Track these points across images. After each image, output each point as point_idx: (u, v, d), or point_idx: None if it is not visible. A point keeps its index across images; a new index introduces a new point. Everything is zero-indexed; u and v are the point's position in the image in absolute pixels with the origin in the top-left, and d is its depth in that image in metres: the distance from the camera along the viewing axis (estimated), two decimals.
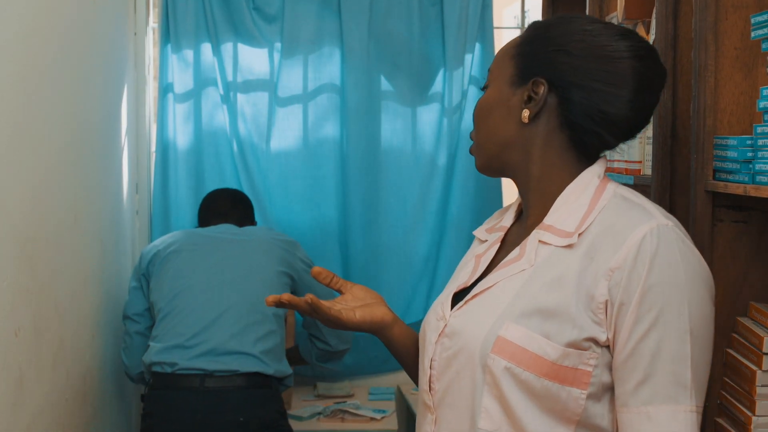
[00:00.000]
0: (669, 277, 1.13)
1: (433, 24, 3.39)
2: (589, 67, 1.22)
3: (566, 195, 1.25)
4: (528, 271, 1.22)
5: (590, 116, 1.23)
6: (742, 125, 1.43)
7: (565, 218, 1.22)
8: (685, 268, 1.14)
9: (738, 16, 1.43)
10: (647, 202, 1.22)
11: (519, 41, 1.29)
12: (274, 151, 3.40)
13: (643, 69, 1.23)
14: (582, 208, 1.22)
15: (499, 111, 1.28)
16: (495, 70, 1.31)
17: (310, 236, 3.42)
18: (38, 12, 1.96)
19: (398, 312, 3.48)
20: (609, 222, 1.19)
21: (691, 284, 1.14)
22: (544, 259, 1.21)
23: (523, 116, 1.25)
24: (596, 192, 1.23)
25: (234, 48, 3.35)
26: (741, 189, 1.32)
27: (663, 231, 1.15)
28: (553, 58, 1.24)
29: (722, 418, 1.45)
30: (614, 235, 1.17)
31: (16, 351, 1.78)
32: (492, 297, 1.23)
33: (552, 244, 1.21)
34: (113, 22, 2.89)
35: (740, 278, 1.45)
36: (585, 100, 1.22)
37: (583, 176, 1.25)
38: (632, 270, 1.14)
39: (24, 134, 1.86)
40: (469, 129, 3.41)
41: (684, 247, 1.16)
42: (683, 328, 1.12)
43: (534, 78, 1.24)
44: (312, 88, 3.40)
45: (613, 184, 1.26)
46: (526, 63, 1.26)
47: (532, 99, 1.25)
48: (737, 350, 1.43)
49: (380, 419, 3.12)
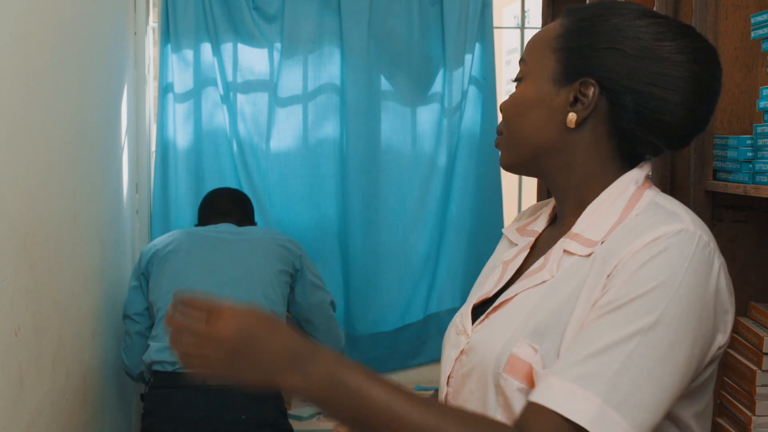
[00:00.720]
0: (663, 276, 0.99)
1: (433, 23, 3.39)
2: (646, 70, 1.10)
3: (599, 202, 1.13)
4: (548, 282, 1.11)
5: (644, 123, 1.11)
6: (742, 125, 1.44)
7: (595, 227, 1.11)
8: (687, 279, 1.00)
9: (738, 16, 1.43)
10: (684, 211, 1.08)
11: (561, 32, 1.15)
12: (273, 150, 3.40)
13: (704, 73, 1.11)
14: (614, 216, 1.11)
15: (539, 110, 1.15)
16: (532, 61, 1.17)
17: (309, 236, 3.42)
18: (38, 11, 1.96)
19: (398, 312, 3.48)
20: (633, 224, 1.07)
21: (683, 299, 0.99)
22: (566, 270, 1.10)
23: (568, 120, 1.13)
24: (631, 199, 1.12)
25: (234, 48, 3.35)
26: (741, 189, 1.32)
27: (686, 235, 1.02)
28: (605, 58, 1.11)
29: (722, 418, 1.45)
30: (631, 234, 1.05)
31: (15, 350, 1.78)
32: (510, 311, 1.13)
33: (576, 253, 1.10)
34: (113, 21, 2.89)
35: (740, 278, 1.45)
36: (639, 105, 1.10)
37: (619, 182, 1.14)
38: (632, 258, 1.02)
39: (24, 133, 1.86)
40: (469, 129, 3.45)
41: (702, 259, 1.02)
42: (646, 332, 0.98)
43: (583, 78, 1.12)
44: (312, 87, 3.40)
45: (652, 190, 1.14)
46: (573, 60, 1.13)
47: (578, 101, 1.12)
48: (737, 350, 1.43)
49: None
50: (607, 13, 1.14)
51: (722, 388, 1.46)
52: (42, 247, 1.97)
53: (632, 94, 1.11)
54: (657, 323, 0.98)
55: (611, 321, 0.99)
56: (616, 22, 1.12)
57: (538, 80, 1.16)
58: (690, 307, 1.00)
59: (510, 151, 1.20)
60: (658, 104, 1.10)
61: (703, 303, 1.02)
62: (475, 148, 3.44)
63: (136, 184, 3.27)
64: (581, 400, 0.95)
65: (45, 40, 2.03)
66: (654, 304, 0.98)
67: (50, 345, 2.05)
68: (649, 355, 0.97)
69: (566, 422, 0.96)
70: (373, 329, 3.48)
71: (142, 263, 2.69)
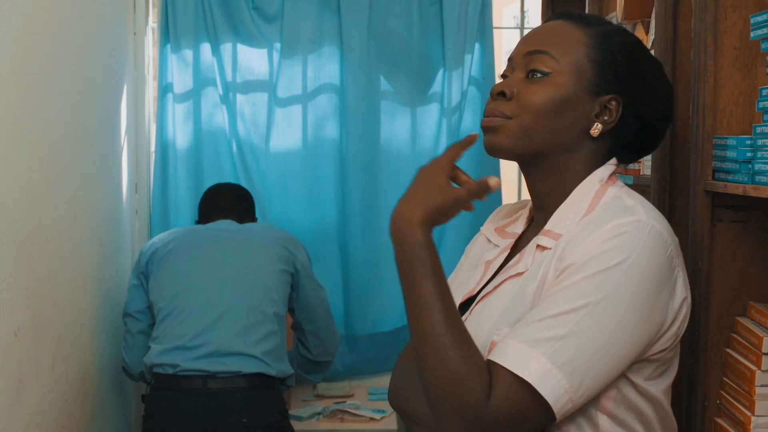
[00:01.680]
0: (615, 259, 1.10)
1: (433, 23, 3.39)
2: (656, 96, 1.27)
3: (570, 200, 1.24)
4: (523, 275, 1.21)
5: (643, 136, 1.28)
6: (741, 125, 1.44)
7: (564, 223, 1.21)
8: (637, 261, 1.10)
9: (737, 16, 1.43)
10: (641, 205, 1.19)
11: (592, 42, 1.24)
12: (273, 151, 3.39)
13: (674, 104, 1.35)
14: (580, 212, 1.21)
15: (571, 113, 1.23)
16: (565, 62, 1.23)
17: (309, 236, 3.42)
18: (37, 11, 1.96)
19: (397, 313, 3.48)
20: (592, 219, 1.18)
21: (632, 280, 1.10)
22: (537, 263, 1.20)
23: (593, 129, 1.24)
24: (596, 196, 1.22)
25: (233, 48, 3.35)
26: (740, 189, 1.32)
27: (639, 224, 1.13)
28: (632, 82, 1.24)
29: (721, 418, 1.45)
30: (588, 228, 1.15)
31: (15, 350, 1.78)
32: (491, 303, 1.24)
33: (547, 247, 1.20)
34: (113, 21, 2.89)
35: (739, 278, 1.45)
36: (645, 123, 1.27)
37: (586, 181, 1.24)
38: (588, 246, 1.12)
39: (23, 134, 1.86)
40: (469, 129, 3.45)
41: (653, 245, 1.12)
42: (595, 305, 1.08)
43: (612, 95, 1.24)
44: (311, 88, 3.40)
45: (615, 187, 1.24)
46: (608, 76, 1.24)
47: (603, 113, 1.24)
48: (736, 350, 1.43)
49: (380, 419, 3.12)
50: (621, 36, 1.27)
51: (721, 388, 1.46)
52: (42, 247, 1.97)
53: (642, 115, 1.26)
54: (605, 299, 1.09)
55: (564, 294, 1.10)
56: (640, 52, 1.28)
57: (574, 84, 1.23)
58: (638, 288, 1.10)
59: (519, 137, 1.24)
60: (658, 125, 1.29)
61: (653, 286, 1.12)
62: (473, 147, 3.39)
63: (136, 184, 3.27)
64: (528, 359, 1.07)
65: (44, 40, 2.03)
66: (604, 283, 1.09)
67: (50, 345, 2.05)
68: (596, 327, 1.08)
69: (517, 379, 1.07)
70: (372, 329, 3.48)
71: (141, 261, 2.68)
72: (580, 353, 1.07)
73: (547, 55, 1.23)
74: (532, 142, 1.24)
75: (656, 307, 1.13)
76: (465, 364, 1.08)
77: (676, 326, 1.18)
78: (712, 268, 1.44)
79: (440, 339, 1.09)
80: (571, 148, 1.24)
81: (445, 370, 1.09)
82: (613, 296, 1.09)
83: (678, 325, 1.18)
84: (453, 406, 1.08)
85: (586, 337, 1.08)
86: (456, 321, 1.12)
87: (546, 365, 1.06)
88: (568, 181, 1.25)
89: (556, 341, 1.07)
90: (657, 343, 1.16)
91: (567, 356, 1.07)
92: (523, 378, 1.07)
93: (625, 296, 1.10)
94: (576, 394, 1.08)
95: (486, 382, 1.08)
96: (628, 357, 1.12)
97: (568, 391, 1.07)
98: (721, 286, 1.44)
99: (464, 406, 1.07)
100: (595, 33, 1.25)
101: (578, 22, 1.26)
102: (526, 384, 1.06)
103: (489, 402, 1.07)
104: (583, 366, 1.08)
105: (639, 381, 1.17)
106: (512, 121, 1.24)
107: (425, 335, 1.11)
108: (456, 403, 1.08)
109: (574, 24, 1.26)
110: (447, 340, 1.09)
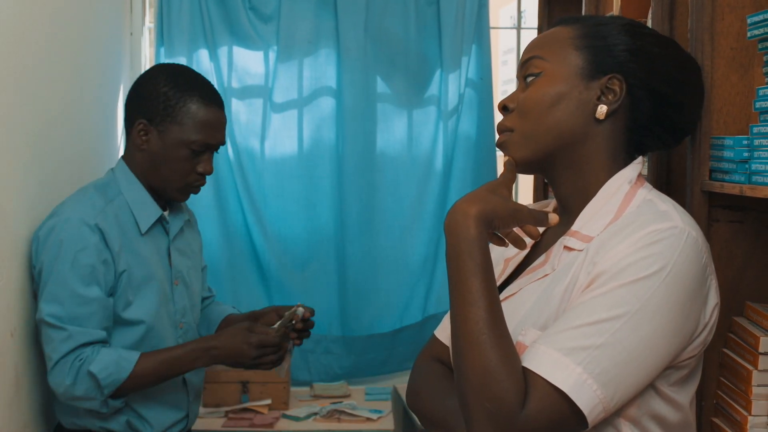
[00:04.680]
0: (653, 267, 1.08)
1: (430, 24, 3.39)
2: (667, 73, 1.23)
3: (596, 200, 1.23)
4: (550, 276, 1.21)
5: (659, 121, 1.24)
6: (738, 125, 1.44)
7: (592, 224, 1.20)
8: (674, 271, 1.09)
9: (734, 16, 1.43)
10: (675, 210, 1.17)
11: (579, 33, 1.25)
12: (269, 153, 3.39)
13: (700, 79, 1.29)
14: (609, 214, 1.20)
15: (567, 102, 1.22)
16: (552, 58, 1.25)
17: (306, 239, 3.41)
18: (32, 10, 1.96)
19: (395, 315, 3.48)
20: (626, 222, 1.16)
21: (669, 289, 1.09)
22: (565, 265, 1.19)
23: (599, 112, 1.22)
24: (626, 197, 1.21)
25: (229, 51, 3.34)
26: (737, 189, 1.32)
27: (676, 231, 1.11)
28: (632, 58, 1.22)
29: (718, 418, 1.45)
30: (623, 232, 1.13)
31: (11, 351, 1.78)
32: (515, 303, 1.23)
33: (575, 249, 1.19)
34: (109, 22, 2.88)
35: (736, 278, 1.45)
36: (657, 104, 1.23)
37: (613, 181, 1.23)
38: (625, 251, 1.10)
39: (19, 134, 1.86)
40: (466, 131, 3.45)
41: (690, 253, 1.11)
42: (632, 315, 1.07)
43: (612, 74, 1.22)
44: (308, 90, 3.39)
45: (645, 189, 1.23)
46: (600, 57, 1.23)
47: (604, 95, 1.22)
48: (733, 350, 1.43)
49: (376, 419, 3.12)
50: (615, 21, 1.26)
51: (718, 387, 1.46)
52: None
53: (653, 93, 1.23)
54: (642, 308, 1.07)
55: (601, 302, 1.08)
56: (638, 30, 1.25)
57: (564, 75, 1.23)
58: (675, 298, 1.09)
59: (528, 144, 1.25)
60: (673, 104, 1.24)
61: (689, 295, 1.11)
62: (471, 149, 3.43)
63: None
64: (563, 368, 1.06)
65: (40, 40, 2.02)
66: (642, 292, 1.08)
67: None
68: (632, 336, 1.07)
69: (553, 388, 1.06)
70: (369, 331, 3.48)
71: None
72: (615, 363, 1.06)
73: (536, 59, 1.26)
74: (537, 145, 1.24)
75: (690, 316, 1.12)
76: (503, 366, 1.07)
77: (706, 333, 1.17)
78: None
79: (481, 337, 1.08)
80: (581, 139, 1.23)
81: (482, 368, 1.07)
82: (650, 306, 1.08)
83: (707, 332, 1.17)
84: (485, 408, 1.06)
85: (622, 347, 1.07)
86: (500, 321, 1.10)
87: (582, 375, 1.05)
88: (590, 174, 1.24)
89: (593, 350, 1.06)
90: (686, 350, 1.15)
91: (603, 366, 1.06)
92: (559, 387, 1.05)
93: (662, 306, 1.08)
94: (610, 404, 1.07)
95: (521, 388, 1.06)
96: (661, 366, 1.11)
97: (602, 401, 1.06)
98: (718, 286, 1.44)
99: (497, 409, 1.06)
100: (584, 25, 1.26)
101: (569, 22, 1.28)
102: (561, 393, 1.05)
103: (523, 410, 1.05)
104: (618, 376, 1.07)
105: (663, 387, 1.16)
106: (514, 132, 1.26)
107: (467, 331, 1.09)
108: (489, 404, 1.06)
109: (565, 25, 1.28)
110: (488, 338, 1.08)
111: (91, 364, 1.80)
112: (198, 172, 1.94)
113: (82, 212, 1.85)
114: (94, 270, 1.83)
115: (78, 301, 1.81)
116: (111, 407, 1.87)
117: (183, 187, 1.95)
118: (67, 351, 1.81)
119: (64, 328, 1.80)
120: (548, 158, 1.25)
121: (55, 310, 1.81)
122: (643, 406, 1.14)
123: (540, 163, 1.26)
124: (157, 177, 1.93)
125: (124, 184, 1.94)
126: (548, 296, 1.18)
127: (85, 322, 1.82)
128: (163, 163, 1.91)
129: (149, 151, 1.92)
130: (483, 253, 1.12)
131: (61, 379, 1.80)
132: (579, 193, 1.25)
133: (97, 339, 1.83)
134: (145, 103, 1.91)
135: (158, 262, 1.97)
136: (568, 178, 1.26)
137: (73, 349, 1.80)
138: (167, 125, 1.89)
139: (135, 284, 1.90)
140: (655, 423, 1.16)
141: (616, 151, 1.25)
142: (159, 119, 1.89)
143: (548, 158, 1.25)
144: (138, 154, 1.94)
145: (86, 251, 1.82)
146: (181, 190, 1.96)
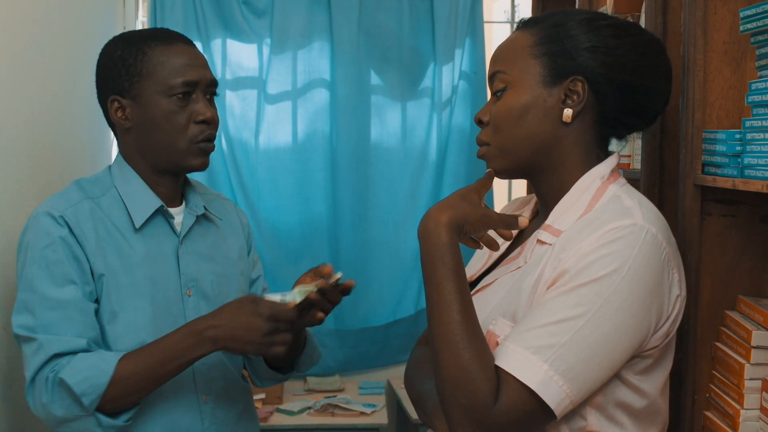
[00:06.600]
0: (613, 265, 1.13)
1: (423, 18, 3.39)
2: (626, 62, 1.25)
3: (569, 195, 1.27)
4: (522, 268, 1.26)
5: (627, 108, 1.27)
6: (730, 119, 1.44)
7: (564, 218, 1.25)
8: (633, 267, 1.14)
9: (727, 10, 1.43)
10: (640, 206, 1.21)
11: (535, 40, 1.28)
12: (263, 146, 3.39)
13: (666, 60, 1.30)
14: (580, 209, 1.24)
15: (534, 112, 1.26)
16: (513, 71, 1.28)
17: (299, 231, 3.41)
18: (25, 5, 1.95)
19: (389, 307, 3.49)
20: (591, 218, 1.20)
21: (629, 286, 1.13)
22: (536, 258, 1.24)
23: (565, 116, 1.25)
24: (596, 193, 1.25)
25: (223, 44, 3.34)
26: (729, 183, 1.33)
27: (635, 229, 1.16)
28: (589, 56, 1.25)
29: (711, 411, 1.46)
30: (587, 228, 1.18)
31: (4, 346, 1.78)
32: (489, 293, 1.30)
33: (546, 242, 1.24)
34: (102, 16, 2.87)
35: (729, 272, 1.45)
36: (623, 94, 1.26)
37: (586, 177, 1.27)
38: (587, 248, 1.15)
39: (11, 132, 1.85)
40: (459, 124, 3.45)
41: (648, 249, 1.15)
42: (594, 312, 1.12)
43: (571, 77, 1.25)
44: (301, 83, 3.39)
45: (616, 185, 1.27)
46: (559, 62, 1.26)
47: (568, 98, 1.25)
48: (725, 344, 1.44)
49: (370, 413, 3.12)
50: (572, 18, 1.28)
51: (711, 381, 1.46)
52: None
53: (616, 85, 1.25)
54: (603, 306, 1.13)
55: (564, 300, 1.14)
56: (591, 25, 1.26)
57: (527, 85, 1.27)
58: (635, 294, 1.14)
59: (505, 156, 1.30)
60: (639, 90, 1.26)
61: (648, 290, 1.16)
62: (465, 142, 3.43)
63: None
64: (531, 366, 1.12)
65: (32, 36, 2.02)
66: (603, 290, 1.13)
67: None
68: (595, 333, 1.13)
69: (522, 385, 1.12)
70: (362, 324, 3.48)
71: None
72: (580, 359, 1.12)
73: (500, 73, 1.30)
74: (513, 157, 1.29)
75: (651, 309, 1.17)
76: (476, 364, 1.13)
77: (668, 324, 1.20)
78: (701, 262, 1.45)
79: (455, 337, 1.14)
80: (553, 143, 1.27)
81: (457, 367, 1.13)
82: (611, 303, 1.13)
83: (670, 323, 1.21)
84: (461, 404, 1.13)
85: (586, 344, 1.12)
86: (472, 322, 1.16)
87: (548, 372, 1.11)
88: (565, 173, 1.29)
89: (558, 348, 1.12)
90: (649, 341, 1.19)
91: (568, 363, 1.12)
92: (527, 385, 1.11)
93: (623, 303, 1.14)
94: (577, 397, 1.13)
95: (494, 385, 1.13)
96: (624, 358, 1.17)
97: (569, 395, 1.12)
98: (710, 280, 1.45)
99: (472, 405, 1.12)
100: (541, 29, 1.28)
101: (527, 27, 1.31)
102: (530, 390, 1.11)
103: (496, 405, 1.12)
104: (584, 371, 1.13)
105: (629, 376, 1.20)
106: (490, 147, 1.31)
107: (441, 333, 1.16)
108: (464, 400, 1.13)
109: (522, 31, 1.31)
110: (461, 339, 1.14)
111: (62, 371, 1.49)
112: (196, 121, 1.63)
113: (50, 206, 1.60)
114: (65, 267, 1.55)
115: (49, 305, 1.53)
116: (107, 427, 1.51)
117: (188, 146, 1.63)
118: (39, 365, 1.51)
119: (35, 338, 1.52)
120: (525, 165, 1.30)
121: (26, 320, 1.54)
122: (609, 394, 1.19)
123: (518, 170, 1.32)
124: (158, 149, 1.64)
125: (119, 178, 1.68)
126: (518, 289, 1.23)
127: (59, 329, 1.52)
128: (154, 129, 1.62)
129: (135, 126, 1.63)
130: (454, 258, 1.18)
131: (38, 400, 1.51)
132: (556, 191, 1.30)
133: (75, 349, 1.52)
134: (107, 78, 1.66)
135: (160, 266, 1.64)
136: (545, 179, 1.31)
137: (46, 361, 1.51)
138: (137, 86, 1.61)
139: (121, 292, 1.59)
140: (620, 410, 1.20)
141: (588, 147, 1.28)
142: (127, 85, 1.62)
143: (525, 165, 1.30)
144: (128, 138, 1.66)
145: (53, 246, 1.55)
146: (190, 152, 1.64)
